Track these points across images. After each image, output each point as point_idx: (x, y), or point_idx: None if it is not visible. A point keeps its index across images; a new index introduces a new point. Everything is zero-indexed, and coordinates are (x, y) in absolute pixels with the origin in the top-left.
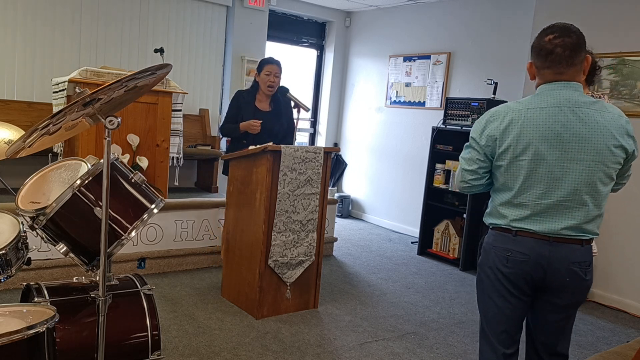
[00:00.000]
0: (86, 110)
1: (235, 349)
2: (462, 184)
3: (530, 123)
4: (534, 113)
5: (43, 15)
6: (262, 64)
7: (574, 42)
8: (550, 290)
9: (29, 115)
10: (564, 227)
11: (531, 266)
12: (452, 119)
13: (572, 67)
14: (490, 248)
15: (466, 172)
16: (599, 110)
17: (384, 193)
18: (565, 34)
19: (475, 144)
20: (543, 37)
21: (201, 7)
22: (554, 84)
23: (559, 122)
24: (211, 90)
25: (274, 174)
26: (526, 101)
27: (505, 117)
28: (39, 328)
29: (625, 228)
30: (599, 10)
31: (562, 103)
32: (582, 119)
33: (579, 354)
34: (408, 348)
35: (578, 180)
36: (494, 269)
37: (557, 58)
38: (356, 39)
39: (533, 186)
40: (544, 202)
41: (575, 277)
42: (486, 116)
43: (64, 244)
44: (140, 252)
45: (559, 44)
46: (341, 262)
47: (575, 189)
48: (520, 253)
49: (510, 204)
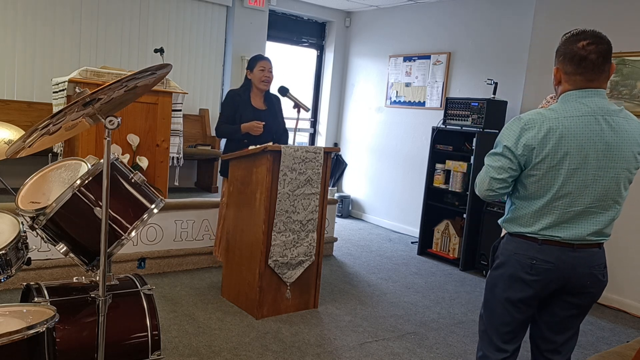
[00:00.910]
0: (86, 110)
1: (235, 349)
2: (488, 192)
3: (568, 132)
4: (571, 122)
5: (43, 15)
6: (254, 60)
7: (607, 49)
8: (571, 293)
9: (29, 115)
10: (590, 233)
11: (555, 274)
12: (452, 119)
13: (603, 74)
14: (511, 255)
15: (495, 181)
16: (625, 117)
17: (384, 193)
18: (598, 40)
19: (509, 153)
20: (575, 43)
21: (201, 7)
22: (584, 91)
23: (594, 131)
24: (211, 90)
25: (274, 174)
26: (560, 109)
27: (543, 126)
28: (39, 328)
29: (625, 228)
30: (599, 10)
31: (596, 111)
32: (614, 128)
33: (579, 354)
34: (408, 348)
35: (607, 187)
36: (513, 277)
37: (591, 65)
38: (356, 39)
39: (566, 195)
40: (573, 210)
41: (595, 280)
42: (519, 124)
43: (64, 244)
44: (140, 252)
45: (593, 50)
46: (341, 262)
47: (604, 196)
48: (545, 261)
49: (539, 212)
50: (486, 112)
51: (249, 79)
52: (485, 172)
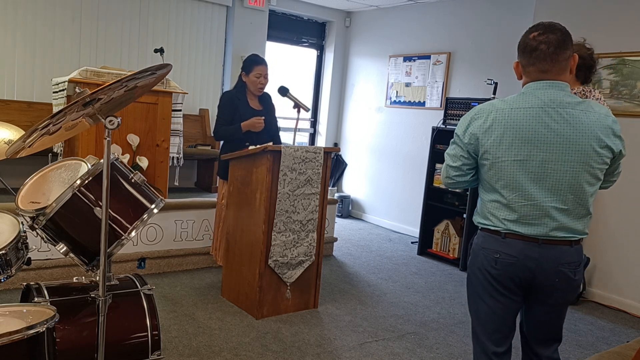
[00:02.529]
0: (86, 110)
1: (235, 349)
2: (446, 179)
3: (513, 124)
4: (517, 113)
5: (43, 15)
6: (250, 64)
7: (558, 38)
8: (540, 291)
9: (29, 115)
10: (552, 229)
11: (519, 268)
12: (452, 119)
13: (557, 65)
14: (479, 249)
15: (450, 168)
16: (585, 110)
17: (384, 193)
18: (549, 30)
19: (459, 141)
20: (528, 35)
21: (201, 7)
22: (539, 82)
23: (542, 123)
24: (211, 90)
25: (274, 174)
26: (511, 100)
27: (489, 116)
28: (39, 328)
29: (625, 228)
30: (599, 10)
31: (547, 103)
32: (567, 120)
33: (579, 354)
34: (408, 348)
35: (562, 181)
36: (482, 270)
37: (542, 55)
38: (356, 39)
39: (517, 188)
40: (529, 204)
41: (564, 278)
42: (471, 113)
43: (64, 244)
44: (140, 252)
45: (543, 40)
46: (341, 262)
47: (560, 190)
48: (509, 255)
49: (497, 204)
50: None
51: (243, 82)
52: (445, 160)
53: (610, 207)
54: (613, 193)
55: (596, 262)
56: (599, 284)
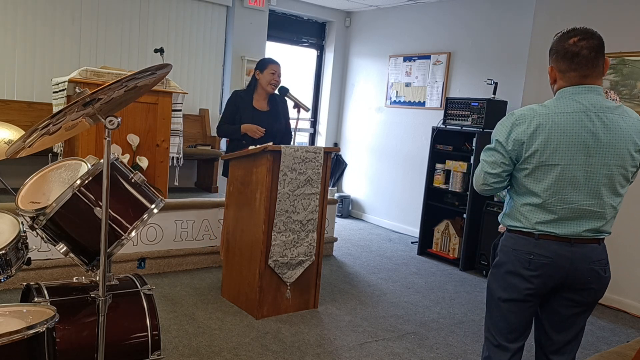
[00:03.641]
0: (86, 110)
1: (235, 349)
2: (483, 186)
3: (557, 128)
4: (561, 118)
5: (43, 15)
6: (265, 63)
7: (598, 44)
8: (572, 289)
9: (29, 115)
10: (585, 230)
11: (554, 268)
12: (452, 119)
13: (596, 70)
14: (510, 251)
15: (489, 176)
16: (622, 115)
17: (384, 193)
18: (589, 36)
19: (501, 148)
20: (566, 40)
21: (201, 7)
22: (578, 87)
23: (585, 128)
24: (211, 90)
25: (274, 174)
26: (552, 105)
27: (533, 121)
28: (39, 328)
29: (625, 228)
30: (599, 10)
31: (589, 108)
32: (607, 125)
33: (579, 354)
34: (408, 348)
35: (601, 184)
36: (513, 273)
37: (584, 60)
38: (356, 39)
39: (558, 191)
40: (568, 207)
41: (596, 275)
42: (511, 119)
43: (64, 244)
44: (140, 252)
45: (585, 46)
46: (341, 262)
47: (598, 193)
48: (543, 256)
49: (534, 207)
50: (486, 112)
51: (256, 79)
52: (481, 167)
53: None
54: None
55: None
56: None
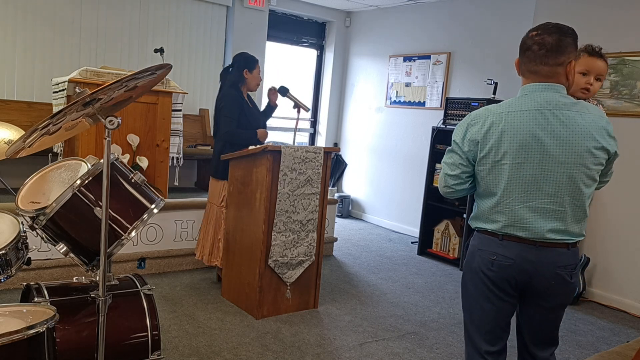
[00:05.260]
0: (86, 110)
1: (235, 349)
2: (445, 189)
3: (510, 127)
4: (514, 117)
5: (43, 15)
6: (253, 62)
7: (553, 41)
8: (537, 293)
9: (29, 115)
10: (548, 230)
11: (516, 270)
12: (452, 119)
13: (545, 67)
14: (476, 251)
15: (449, 177)
16: (580, 111)
17: (384, 193)
18: (546, 32)
19: (458, 149)
20: (528, 33)
21: (201, 7)
22: (536, 84)
23: (539, 125)
24: (211, 90)
25: (274, 174)
26: (507, 104)
27: (486, 121)
28: (39, 328)
29: (625, 228)
30: (599, 11)
31: (543, 105)
32: (563, 122)
33: (579, 354)
34: (408, 348)
35: (560, 182)
36: (478, 272)
37: (532, 55)
38: (356, 39)
39: (515, 191)
40: (526, 205)
41: (561, 281)
42: (467, 120)
43: (64, 244)
44: (140, 252)
45: (537, 41)
46: (341, 262)
47: (557, 192)
48: (506, 257)
49: (495, 208)
50: None
51: (244, 78)
52: (442, 169)
53: (610, 207)
54: (613, 193)
55: (596, 262)
56: (599, 284)
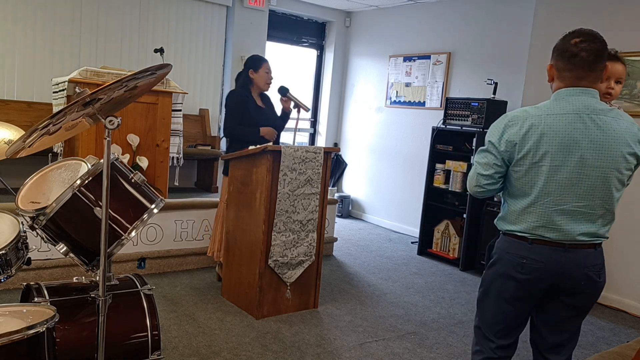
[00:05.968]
0: (86, 110)
1: (235, 349)
2: (476, 188)
3: (549, 129)
4: (553, 119)
5: (43, 15)
6: (259, 61)
7: (599, 48)
8: (565, 293)
9: (29, 115)
10: (580, 234)
11: (546, 273)
12: (452, 119)
13: (593, 74)
14: (504, 254)
15: (482, 177)
16: (615, 117)
17: (384, 193)
18: (591, 39)
19: (493, 149)
20: (569, 40)
21: (201, 7)
22: (572, 89)
23: (577, 130)
24: (211, 90)
25: (274, 174)
26: (545, 107)
27: (525, 123)
28: (39, 328)
29: (625, 229)
30: (599, 11)
31: (581, 110)
32: (600, 127)
33: (579, 354)
34: (408, 348)
35: (594, 186)
36: (505, 276)
37: (581, 62)
38: (356, 39)
39: (550, 193)
40: (560, 208)
41: (590, 281)
42: (504, 120)
43: (64, 244)
44: (140, 252)
45: (585, 48)
46: (341, 262)
47: (590, 195)
48: (536, 261)
49: (527, 209)
50: (486, 112)
51: (250, 79)
52: (474, 169)
53: None
54: None
55: None
56: None
